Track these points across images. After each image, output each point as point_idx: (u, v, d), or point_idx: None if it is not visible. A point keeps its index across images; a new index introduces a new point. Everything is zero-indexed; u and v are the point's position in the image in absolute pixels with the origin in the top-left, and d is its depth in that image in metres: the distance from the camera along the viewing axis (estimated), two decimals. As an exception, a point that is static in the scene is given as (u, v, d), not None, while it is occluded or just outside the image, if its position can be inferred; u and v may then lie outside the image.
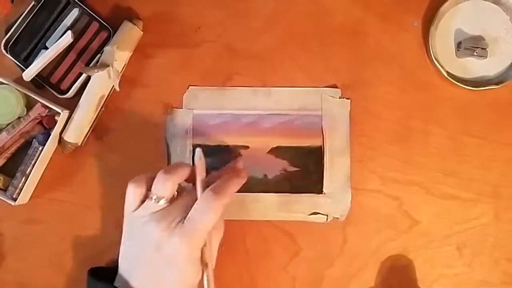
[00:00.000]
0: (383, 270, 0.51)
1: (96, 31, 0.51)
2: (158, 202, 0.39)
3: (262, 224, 0.51)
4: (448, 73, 0.50)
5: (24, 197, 0.49)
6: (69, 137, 0.49)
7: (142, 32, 0.50)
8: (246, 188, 0.51)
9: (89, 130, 0.50)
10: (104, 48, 0.49)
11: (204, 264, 0.39)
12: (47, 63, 0.49)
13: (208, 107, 0.51)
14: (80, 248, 0.51)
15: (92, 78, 0.49)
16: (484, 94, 0.51)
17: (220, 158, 0.51)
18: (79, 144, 0.50)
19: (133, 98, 0.52)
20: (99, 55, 0.50)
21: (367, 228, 0.51)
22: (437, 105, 0.51)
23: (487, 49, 0.50)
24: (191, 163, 0.46)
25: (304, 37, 0.52)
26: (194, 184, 0.40)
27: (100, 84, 0.49)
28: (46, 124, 0.50)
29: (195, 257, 0.38)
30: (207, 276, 0.39)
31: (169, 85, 0.52)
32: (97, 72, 0.48)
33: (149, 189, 0.39)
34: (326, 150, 0.51)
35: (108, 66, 0.48)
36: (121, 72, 0.50)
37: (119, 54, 0.49)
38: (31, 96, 0.49)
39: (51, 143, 0.49)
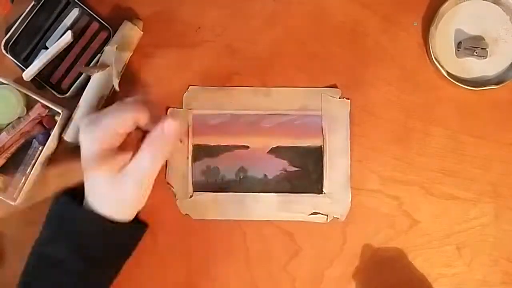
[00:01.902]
0: (383, 270, 0.51)
1: (96, 31, 0.51)
2: None
3: (262, 224, 0.51)
4: (448, 73, 0.50)
5: (24, 197, 0.49)
6: (69, 137, 0.49)
7: (142, 32, 0.50)
8: (246, 188, 0.51)
9: None
10: (104, 48, 0.49)
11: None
12: (47, 63, 0.49)
13: (208, 107, 0.51)
14: (80, 248, 0.51)
15: (92, 78, 0.49)
16: (484, 94, 0.51)
17: (220, 158, 0.51)
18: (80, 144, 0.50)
19: (133, 98, 0.52)
20: (99, 55, 0.50)
21: (367, 228, 0.51)
22: (437, 105, 0.51)
23: (487, 49, 0.50)
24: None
25: (304, 37, 0.52)
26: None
27: (100, 84, 0.49)
28: (46, 124, 0.50)
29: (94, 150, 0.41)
30: None
31: (169, 85, 0.52)
32: (97, 72, 0.48)
33: None
34: (326, 150, 0.51)
35: (108, 66, 0.48)
36: (121, 72, 0.50)
37: (119, 54, 0.49)
38: (31, 96, 0.49)
39: (51, 143, 0.49)
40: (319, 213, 0.50)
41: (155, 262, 0.51)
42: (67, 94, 0.50)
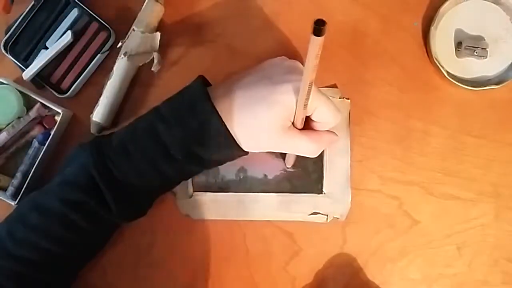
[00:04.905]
0: (383, 270, 0.51)
1: (96, 31, 0.51)
2: None
3: (262, 224, 0.51)
4: (448, 73, 0.50)
5: (24, 198, 0.49)
6: (97, 117, 0.49)
7: (164, 8, 0.50)
8: (246, 188, 0.51)
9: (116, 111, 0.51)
10: (131, 31, 0.48)
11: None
12: (47, 63, 0.49)
13: (208, 107, 0.51)
14: (80, 248, 0.51)
15: (117, 62, 0.49)
16: (484, 94, 0.51)
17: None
18: (108, 126, 0.50)
19: (133, 98, 0.52)
20: (99, 55, 0.50)
21: (367, 228, 0.51)
22: (437, 105, 0.51)
23: (487, 49, 0.50)
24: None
25: (304, 37, 0.52)
26: None
27: (126, 68, 0.49)
28: (46, 124, 0.50)
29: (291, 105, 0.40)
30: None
31: (169, 85, 0.51)
32: (147, 61, 0.48)
33: None
34: (326, 150, 0.51)
35: (152, 52, 0.48)
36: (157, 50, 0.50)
37: (148, 36, 0.49)
38: (31, 96, 0.49)
39: (51, 143, 0.49)
40: (319, 213, 0.50)
41: (155, 262, 0.51)
42: (67, 94, 0.50)
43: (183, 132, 0.41)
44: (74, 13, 0.51)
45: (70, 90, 0.50)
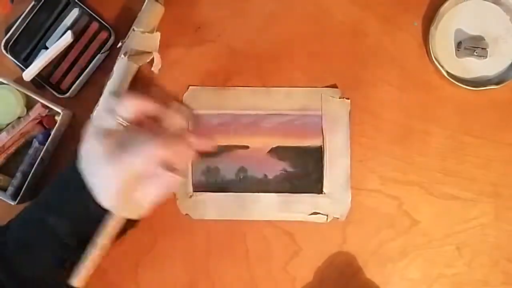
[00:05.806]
0: (383, 270, 0.51)
1: (96, 31, 0.51)
2: (118, 120, 0.37)
3: (262, 224, 0.51)
4: (448, 73, 0.50)
5: (24, 197, 0.49)
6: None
7: (163, 8, 0.50)
8: (246, 188, 0.51)
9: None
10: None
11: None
12: (47, 63, 0.49)
13: (208, 107, 0.51)
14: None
15: (117, 64, 0.49)
16: (484, 94, 0.51)
17: (220, 158, 0.51)
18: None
19: (133, 98, 0.52)
20: (99, 55, 0.50)
21: (367, 228, 0.51)
22: (437, 105, 0.51)
23: (487, 49, 0.50)
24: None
25: (304, 37, 0.52)
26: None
27: (125, 70, 0.49)
28: (46, 124, 0.50)
29: (116, 189, 0.37)
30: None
31: (169, 85, 0.52)
32: (147, 61, 0.48)
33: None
34: (326, 150, 0.51)
35: (152, 53, 0.48)
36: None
37: (149, 37, 0.49)
38: (31, 96, 0.49)
39: (51, 142, 0.49)
40: (319, 213, 0.50)
41: (155, 262, 0.51)
42: (67, 94, 0.51)
43: (70, 220, 0.39)
44: (74, 13, 0.51)
45: (70, 90, 0.50)
